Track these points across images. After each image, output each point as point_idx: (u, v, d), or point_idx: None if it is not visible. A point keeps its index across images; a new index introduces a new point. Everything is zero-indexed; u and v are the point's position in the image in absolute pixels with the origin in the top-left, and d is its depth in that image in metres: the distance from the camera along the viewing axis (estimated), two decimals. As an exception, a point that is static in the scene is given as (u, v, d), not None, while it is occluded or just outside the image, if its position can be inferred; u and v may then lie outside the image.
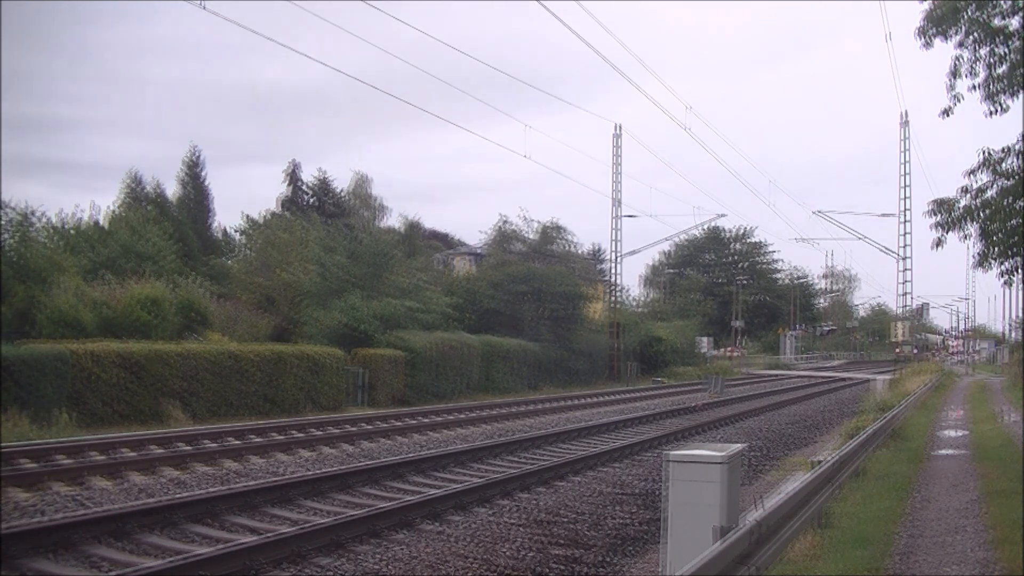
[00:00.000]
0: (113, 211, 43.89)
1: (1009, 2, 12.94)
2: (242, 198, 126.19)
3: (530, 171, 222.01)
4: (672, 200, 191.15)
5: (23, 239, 29.12)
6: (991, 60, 13.14)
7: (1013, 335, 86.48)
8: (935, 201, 14.33)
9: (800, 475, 12.57)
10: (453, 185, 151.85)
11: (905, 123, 45.16)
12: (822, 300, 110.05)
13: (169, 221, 41.10)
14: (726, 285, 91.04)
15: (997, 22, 12.98)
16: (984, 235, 13.94)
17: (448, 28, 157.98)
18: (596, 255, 76.45)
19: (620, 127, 46.06)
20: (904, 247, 45.47)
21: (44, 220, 31.92)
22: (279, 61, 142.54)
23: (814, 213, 52.01)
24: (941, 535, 9.63)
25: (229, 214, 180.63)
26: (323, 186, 64.33)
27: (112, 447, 14.62)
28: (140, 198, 49.35)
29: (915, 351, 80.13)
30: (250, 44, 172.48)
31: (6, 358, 16.90)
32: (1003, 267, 14.36)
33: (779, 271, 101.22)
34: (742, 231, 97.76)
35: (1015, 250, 13.93)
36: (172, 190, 56.63)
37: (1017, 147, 13.47)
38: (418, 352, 28.97)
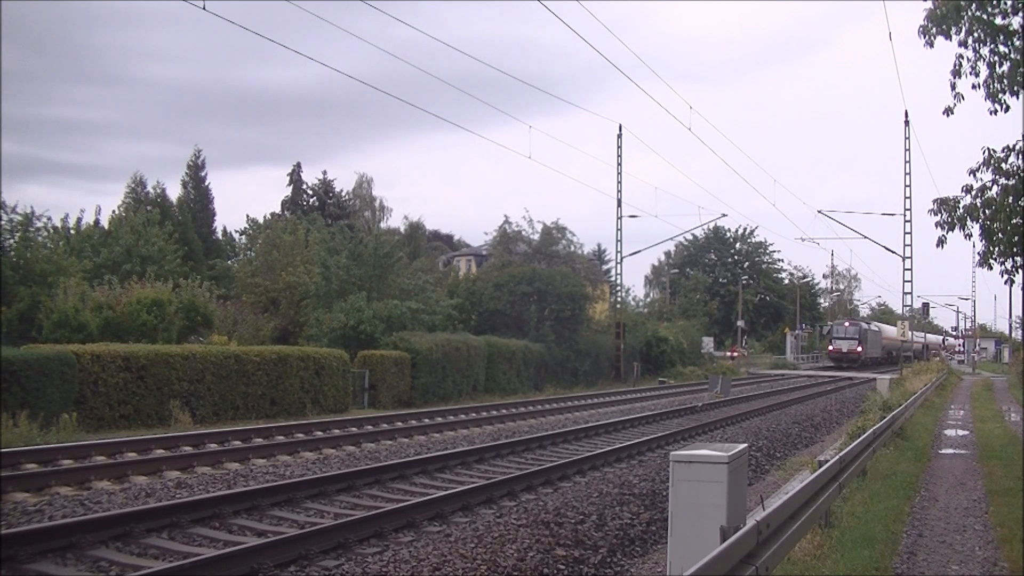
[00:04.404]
0: (115, 213, 44.03)
1: (1011, 1, 12.94)
2: (244, 200, 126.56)
3: (533, 172, 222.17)
4: (675, 200, 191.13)
5: (25, 241, 29.20)
6: (993, 59, 13.13)
7: (1014, 334, 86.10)
8: (937, 200, 14.33)
9: (804, 475, 12.56)
10: (455, 186, 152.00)
11: (907, 122, 45.17)
12: (825, 300, 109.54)
13: (171, 223, 41.18)
14: (729, 285, 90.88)
15: (999, 21, 12.98)
16: (986, 234, 13.93)
17: (450, 29, 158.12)
18: (599, 255, 76.50)
19: (622, 127, 46.05)
20: (907, 246, 45.50)
21: (46, 221, 32.00)
22: (281, 63, 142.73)
23: (818, 212, 51.93)
24: (946, 534, 9.62)
25: (231, 216, 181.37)
26: (325, 187, 64.47)
27: (116, 449, 14.63)
28: (142, 200, 49.51)
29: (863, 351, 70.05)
30: (251, 46, 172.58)
31: (11, 361, 16.92)
32: (1005, 266, 14.35)
33: (782, 271, 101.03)
34: (745, 231, 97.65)
35: (1017, 249, 13.92)
36: (174, 192, 56.91)
37: (1019, 146, 13.47)
38: (421, 353, 28.97)
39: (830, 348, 72.05)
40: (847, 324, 73.17)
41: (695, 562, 4.87)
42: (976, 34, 12.94)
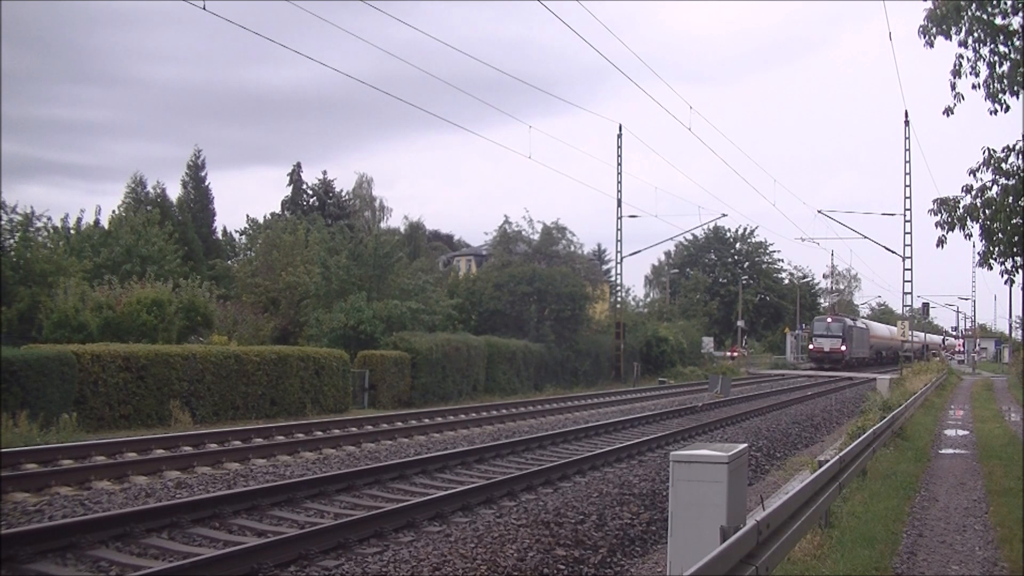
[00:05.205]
0: (115, 213, 44.03)
1: (1011, 1, 12.94)
2: (244, 200, 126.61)
3: (533, 172, 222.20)
4: (675, 200, 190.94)
5: (25, 241, 29.20)
6: (993, 59, 13.13)
7: (1014, 334, 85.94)
8: (938, 200, 14.33)
9: (804, 475, 12.56)
10: (455, 186, 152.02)
11: (907, 122, 45.18)
12: (825, 300, 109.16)
13: (171, 223, 41.18)
14: (729, 285, 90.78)
15: (999, 21, 12.98)
16: (986, 234, 13.93)
17: (450, 29, 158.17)
18: (599, 255, 76.49)
19: (622, 127, 45.99)
20: (907, 246, 45.49)
21: (46, 221, 32.01)
22: (281, 63, 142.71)
23: (818, 212, 51.87)
24: (946, 534, 9.62)
25: (231, 216, 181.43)
26: (325, 187, 64.47)
27: (116, 449, 14.63)
28: (142, 200, 49.50)
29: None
30: (251, 46, 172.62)
31: (11, 361, 16.91)
32: (1005, 266, 14.35)
33: (782, 271, 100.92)
34: (745, 231, 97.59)
35: (1017, 249, 13.92)
36: (174, 192, 56.92)
37: (1018, 146, 13.47)
38: (421, 353, 28.96)
39: (811, 347, 66.19)
40: (829, 320, 66.62)
41: (695, 562, 4.87)
42: (976, 34, 12.93)
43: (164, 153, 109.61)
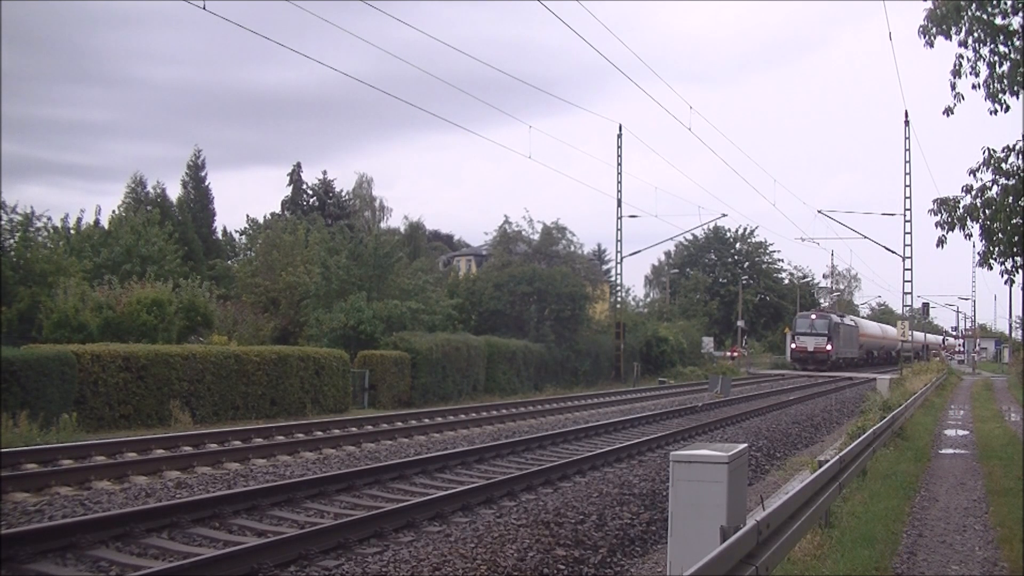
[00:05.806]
0: (115, 213, 44.04)
1: (1011, 1, 12.95)
2: (244, 200, 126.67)
3: (533, 172, 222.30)
4: (675, 200, 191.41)
5: (25, 241, 29.19)
6: (993, 59, 13.16)
7: (1014, 334, 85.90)
8: (937, 200, 14.35)
9: (804, 475, 12.56)
10: (455, 186, 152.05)
11: (907, 122, 45.20)
12: (825, 300, 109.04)
13: (171, 223, 41.17)
14: (729, 285, 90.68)
15: (999, 21, 12.99)
16: (986, 234, 13.96)
17: (450, 29, 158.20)
18: (599, 255, 76.47)
19: (622, 127, 45.97)
20: (907, 246, 45.51)
21: (46, 221, 31.99)
22: (281, 63, 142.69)
23: (818, 212, 51.85)
24: (946, 534, 9.62)
25: (231, 216, 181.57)
26: (325, 187, 64.51)
27: (116, 449, 14.62)
28: (142, 200, 49.52)
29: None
30: (252, 46, 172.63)
31: (11, 361, 16.91)
32: (1005, 266, 14.37)
33: (782, 271, 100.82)
34: (745, 231, 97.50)
35: (1017, 249, 13.93)
36: (174, 192, 56.95)
37: (1018, 146, 13.49)
38: (421, 353, 28.96)
39: (793, 346, 60.70)
40: (814, 317, 61.27)
41: (695, 562, 4.87)
42: (976, 34, 12.96)
43: (164, 153, 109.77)
